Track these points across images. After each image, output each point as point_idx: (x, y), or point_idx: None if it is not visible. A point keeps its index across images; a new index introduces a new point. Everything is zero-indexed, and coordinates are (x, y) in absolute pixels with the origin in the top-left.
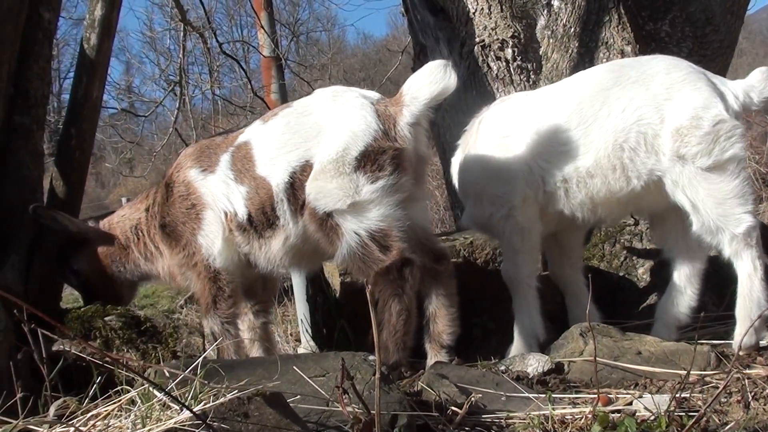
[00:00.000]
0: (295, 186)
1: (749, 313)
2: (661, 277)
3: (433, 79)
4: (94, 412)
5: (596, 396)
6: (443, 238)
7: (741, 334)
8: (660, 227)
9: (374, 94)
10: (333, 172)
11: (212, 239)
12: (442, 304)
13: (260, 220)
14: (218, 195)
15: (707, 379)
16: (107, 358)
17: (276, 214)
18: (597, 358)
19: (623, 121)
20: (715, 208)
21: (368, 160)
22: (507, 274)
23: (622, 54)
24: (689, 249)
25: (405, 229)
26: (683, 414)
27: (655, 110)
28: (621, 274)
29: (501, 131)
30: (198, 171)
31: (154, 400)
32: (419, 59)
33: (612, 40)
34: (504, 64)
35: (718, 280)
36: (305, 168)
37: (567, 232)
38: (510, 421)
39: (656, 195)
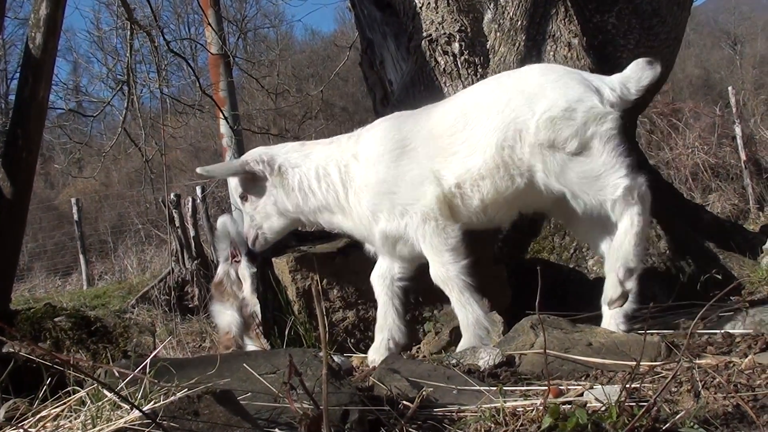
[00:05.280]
0: None
1: (613, 266)
2: None
3: None
4: (44, 413)
5: (547, 388)
6: None
7: (607, 288)
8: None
9: None
10: None
11: None
12: None
13: None
14: None
15: (657, 369)
16: (57, 360)
17: None
18: (548, 351)
19: (501, 121)
20: (592, 186)
21: None
22: (437, 276)
23: (569, 46)
24: (612, 237)
25: None
26: (634, 404)
27: (529, 108)
28: (571, 266)
29: (402, 142)
30: None
31: (104, 400)
32: (366, 54)
33: (559, 33)
34: (451, 58)
35: (667, 271)
36: None
37: None
38: (461, 414)
39: (539, 191)
